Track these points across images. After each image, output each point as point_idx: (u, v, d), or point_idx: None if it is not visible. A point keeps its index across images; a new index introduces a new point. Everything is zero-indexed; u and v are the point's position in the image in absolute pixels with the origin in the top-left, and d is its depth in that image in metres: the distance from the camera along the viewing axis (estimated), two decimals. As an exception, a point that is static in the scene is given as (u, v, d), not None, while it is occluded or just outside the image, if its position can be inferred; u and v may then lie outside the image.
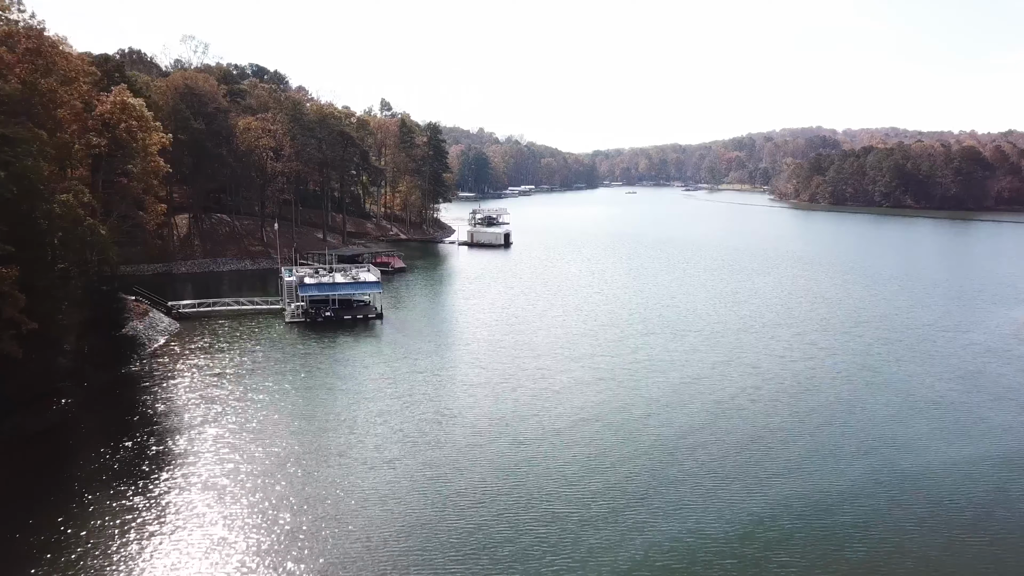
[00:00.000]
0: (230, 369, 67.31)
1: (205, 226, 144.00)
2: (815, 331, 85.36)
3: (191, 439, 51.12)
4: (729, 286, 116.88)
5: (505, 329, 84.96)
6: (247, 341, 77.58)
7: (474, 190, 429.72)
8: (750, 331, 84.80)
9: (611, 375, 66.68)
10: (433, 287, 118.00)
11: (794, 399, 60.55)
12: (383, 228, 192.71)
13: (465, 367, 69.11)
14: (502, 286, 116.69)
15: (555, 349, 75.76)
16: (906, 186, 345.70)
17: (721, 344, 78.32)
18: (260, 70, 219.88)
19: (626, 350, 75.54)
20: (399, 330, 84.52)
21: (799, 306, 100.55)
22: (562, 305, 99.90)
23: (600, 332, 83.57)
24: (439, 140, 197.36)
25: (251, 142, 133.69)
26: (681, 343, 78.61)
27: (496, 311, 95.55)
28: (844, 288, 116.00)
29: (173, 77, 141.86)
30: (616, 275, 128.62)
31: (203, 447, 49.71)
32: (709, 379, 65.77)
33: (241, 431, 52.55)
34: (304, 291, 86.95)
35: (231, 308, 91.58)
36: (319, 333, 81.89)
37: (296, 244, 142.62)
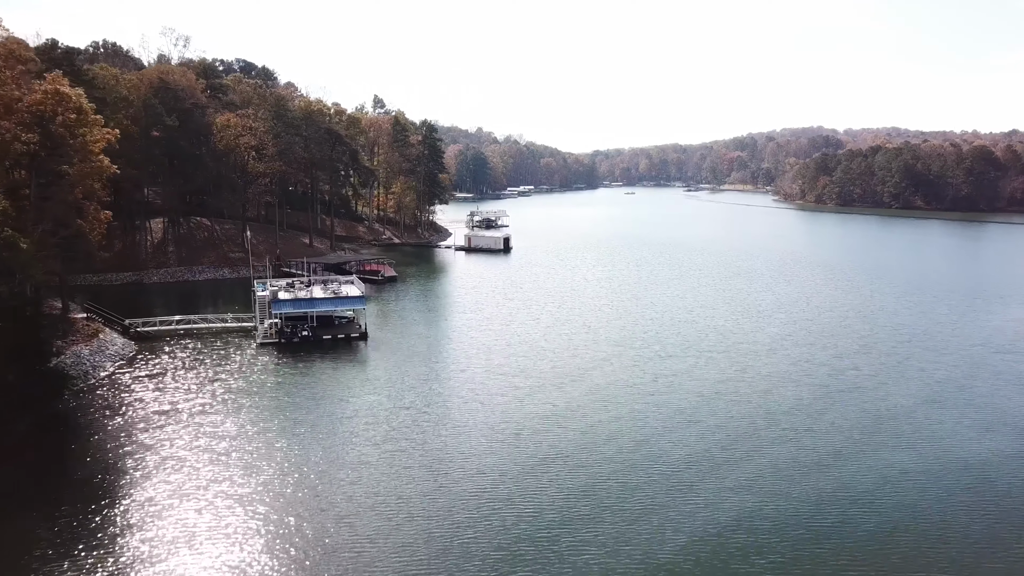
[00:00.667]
0: (182, 405, 57.32)
1: (182, 231, 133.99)
2: (855, 352, 75.48)
3: (109, 505, 41.19)
4: (749, 297, 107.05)
5: (505, 351, 75.04)
6: (208, 368, 67.54)
7: (472, 191, 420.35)
8: (783, 353, 74.89)
9: (630, 414, 56.71)
10: (426, 299, 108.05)
11: (861, 453, 50.66)
12: (375, 231, 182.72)
13: (459, 403, 59.15)
14: (501, 297, 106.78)
15: (562, 379, 65.80)
16: (916, 187, 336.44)
17: (753, 372, 68.38)
18: (248, 66, 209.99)
19: (645, 379, 65.59)
20: (385, 353, 74.55)
21: (830, 321, 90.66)
22: (567, 321, 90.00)
23: (613, 356, 73.62)
24: (434, 139, 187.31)
25: (230, 140, 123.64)
26: (707, 370, 68.67)
27: (495, 329, 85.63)
28: (874, 298, 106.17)
29: (147, 71, 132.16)
30: (625, 284, 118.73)
31: (121, 521, 39.78)
32: (749, 423, 55.81)
33: (175, 496, 42.56)
34: (277, 308, 76.97)
35: (198, 326, 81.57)
36: (293, 357, 71.90)
37: (279, 250, 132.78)
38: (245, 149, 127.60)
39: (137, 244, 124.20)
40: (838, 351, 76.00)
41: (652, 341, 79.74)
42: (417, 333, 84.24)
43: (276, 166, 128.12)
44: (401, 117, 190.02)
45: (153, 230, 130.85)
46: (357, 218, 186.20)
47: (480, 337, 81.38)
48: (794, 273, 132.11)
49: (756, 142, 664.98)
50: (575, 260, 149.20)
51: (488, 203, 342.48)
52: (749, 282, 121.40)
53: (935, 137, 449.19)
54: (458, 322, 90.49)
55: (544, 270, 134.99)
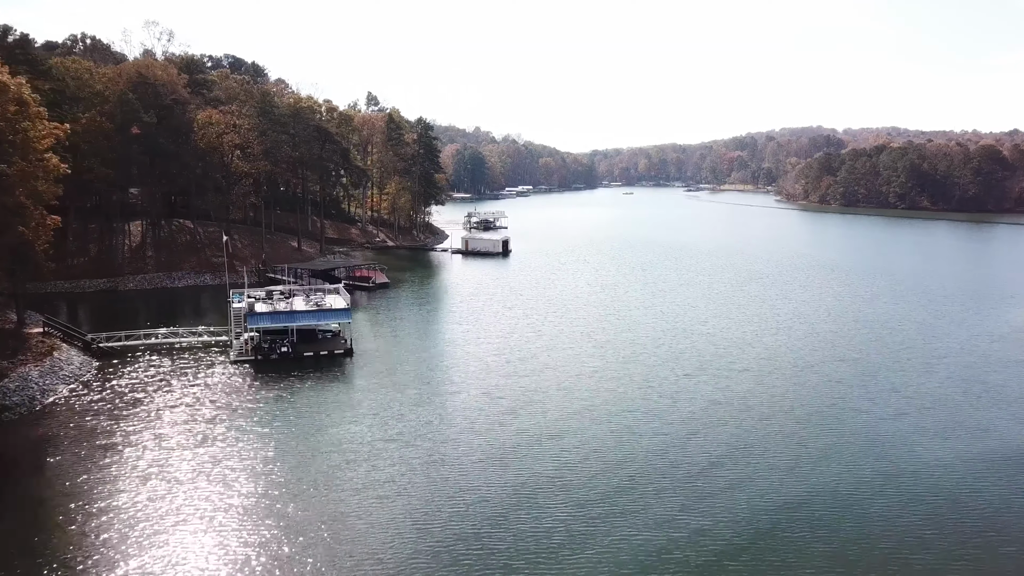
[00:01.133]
0: (133, 438, 50.09)
1: (163, 234, 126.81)
2: (889, 369, 68.61)
3: (30, 570, 34.18)
4: (765, 305, 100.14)
5: (504, 369, 68.05)
6: (173, 391, 60.40)
7: (470, 191, 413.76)
8: (812, 371, 67.95)
9: (651, 451, 49.75)
10: (419, 308, 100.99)
11: (922, 496, 43.78)
12: (369, 234, 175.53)
13: (452, 435, 52.09)
14: (500, 305, 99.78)
15: (568, 403, 58.83)
16: (922, 187, 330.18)
17: (781, 394, 61.48)
18: (237, 62, 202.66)
19: (661, 403, 58.64)
20: (372, 372, 67.48)
21: (856, 333, 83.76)
22: (572, 333, 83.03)
23: (623, 373, 66.65)
24: (430, 137, 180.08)
25: (212, 138, 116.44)
26: (727, 391, 61.72)
27: (493, 342, 78.60)
28: (897, 306, 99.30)
29: (125, 65, 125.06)
30: (631, 291, 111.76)
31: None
32: (782, 459, 48.89)
33: (109, 558, 35.55)
34: (254, 322, 69.80)
35: (168, 341, 74.43)
36: (269, 377, 64.78)
37: (265, 255, 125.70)
38: (229, 148, 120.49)
39: (114, 248, 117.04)
40: (870, 368, 69.08)
41: (666, 357, 72.75)
42: (408, 347, 77.12)
43: (261, 165, 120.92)
44: (396, 115, 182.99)
45: (132, 233, 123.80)
46: (350, 220, 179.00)
47: (477, 352, 74.38)
48: (808, 278, 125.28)
49: (756, 142, 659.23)
50: (577, 264, 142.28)
51: (486, 203, 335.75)
52: (763, 288, 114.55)
53: (935, 137, 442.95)
54: (453, 334, 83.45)
55: (545, 275, 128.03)
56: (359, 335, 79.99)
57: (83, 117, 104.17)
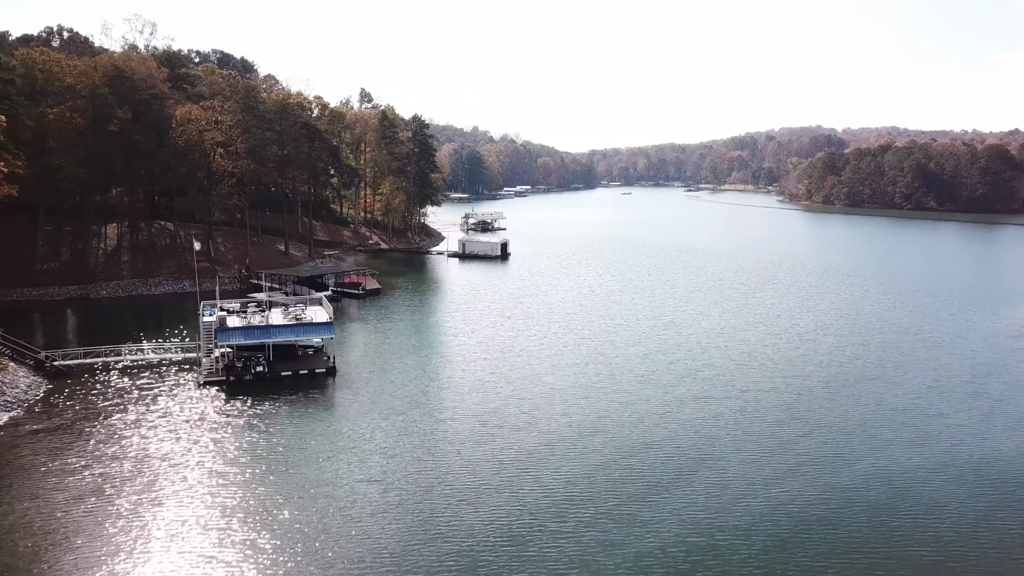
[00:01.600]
0: (71, 480, 43.07)
1: (142, 236, 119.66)
2: (929, 391, 61.78)
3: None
4: (783, 313, 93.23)
5: (503, 390, 61.13)
6: (128, 420, 53.26)
7: (468, 191, 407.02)
8: (845, 392, 61.08)
9: (674, 496, 42.89)
10: (412, 318, 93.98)
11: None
12: (362, 236, 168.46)
13: (443, 475, 45.12)
14: (499, 315, 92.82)
15: (577, 435, 51.91)
16: (928, 187, 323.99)
17: (815, 423, 54.62)
18: (226, 57, 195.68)
19: (683, 432, 51.75)
20: (356, 394, 60.46)
21: (887, 346, 76.89)
22: (577, 347, 76.12)
23: (638, 398, 59.72)
24: (425, 135, 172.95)
25: (192, 136, 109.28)
26: (756, 419, 54.84)
27: (492, 358, 71.62)
28: (926, 316, 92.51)
29: (100, 58, 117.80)
30: (639, 298, 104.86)
31: None
32: (836, 514, 42.03)
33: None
34: (225, 338, 62.71)
35: (132, 358, 67.33)
36: (240, 401, 57.74)
37: (249, 259, 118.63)
38: (211, 145, 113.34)
39: (87, 252, 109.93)
40: (912, 390, 62.25)
41: (683, 375, 65.85)
42: (398, 364, 69.99)
43: (245, 165, 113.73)
44: (390, 112, 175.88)
45: (108, 237, 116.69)
46: (342, 221, 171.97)
47: (473, 369, 67.42)
48: (823, 283, 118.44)
49: (756, 141, 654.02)
50: (580, 268, 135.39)
51: (484, 204, 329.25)
52: (778, 295, 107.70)
53: (936, 137, 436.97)
54: (448, 349, 76.48)
55: (546, 280, 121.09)
56: (345, 349, 73.05)
57: (51, 112, 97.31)
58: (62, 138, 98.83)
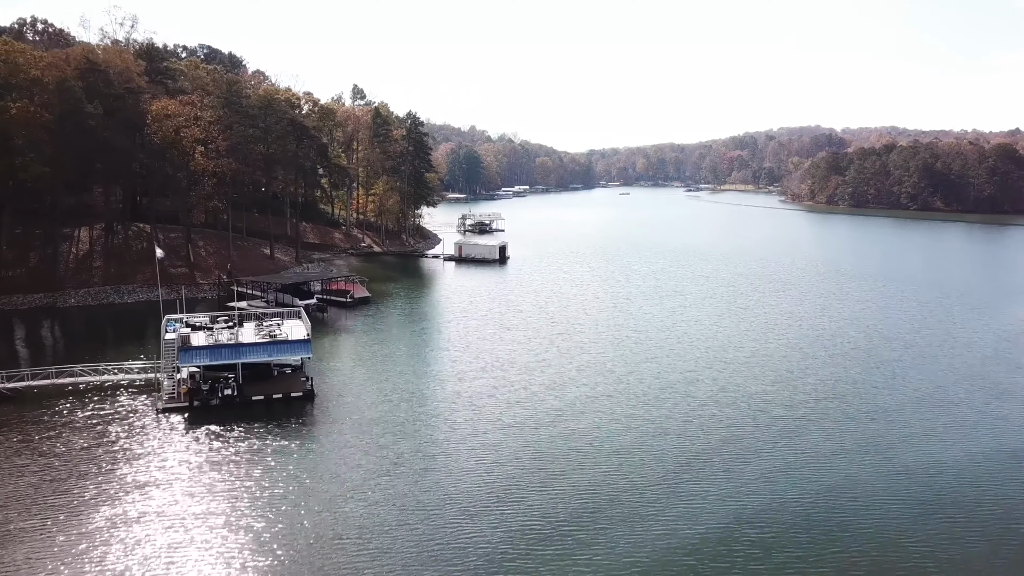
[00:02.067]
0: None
1: (118, 240, 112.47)
2: (988, 416, 54.91)
3: None
4: (805, 323, 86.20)
5: (503, 417, 54.09)
6: (63, 458, 46.05)
7: (465, 191, 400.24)
8: (894, 420, 54.16)
9: (712, 560, 35.93)
10: (402, 331, 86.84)
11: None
12: (354, 238, 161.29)
13: (433, 521, 38.13)
14: (497, 326, 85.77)
15: (588, 473, 44.93)
16: (935, 187, 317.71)
17: (861, 459, 47.71)
18: (213, 52, 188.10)
19: (709, 470, 44.79)
20: (336, 422, 53.36)
21: (929, 363, 70.00)
22: (584, 363, 69.11)
23: (657, 427, 52.69)
24: (420, 133, 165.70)
25: (168, 132, 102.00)
26: (794, 458, 47.92)
27: (489, 378, 64.55)
28: (956, 326, 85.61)
29: (72, 49, 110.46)
30: (647, 306, 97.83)
31: None
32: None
33: None
34: (188, 358, 55.50)
35: (87, 379, 60.13)
36: (202, 432, 50.60)
37: (231, 265, 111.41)
38: (189, 143, 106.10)
39: (57, 257, 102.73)
40: (967, 417, 55.32)
41: (704, 399, 58.81)
42: (384, 387, 62.72)
43: (226, 164, 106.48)
44: (383, 109, 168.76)
45: (82, 240, 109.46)
46: (333, 223, 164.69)
47: (469, 392, 60.37)
48: (842, 289, 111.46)
49: (756, 141, 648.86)
50: (582, 272, 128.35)
51: (482, 204, 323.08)
52: (796, 302, 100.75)
53: (937, 136, 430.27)
54: (441, 366, 69.37)
55: (547, 286, 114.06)
56: (327, 367, 66.01)
57: (13, 107, 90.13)
58: (27, 135, 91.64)
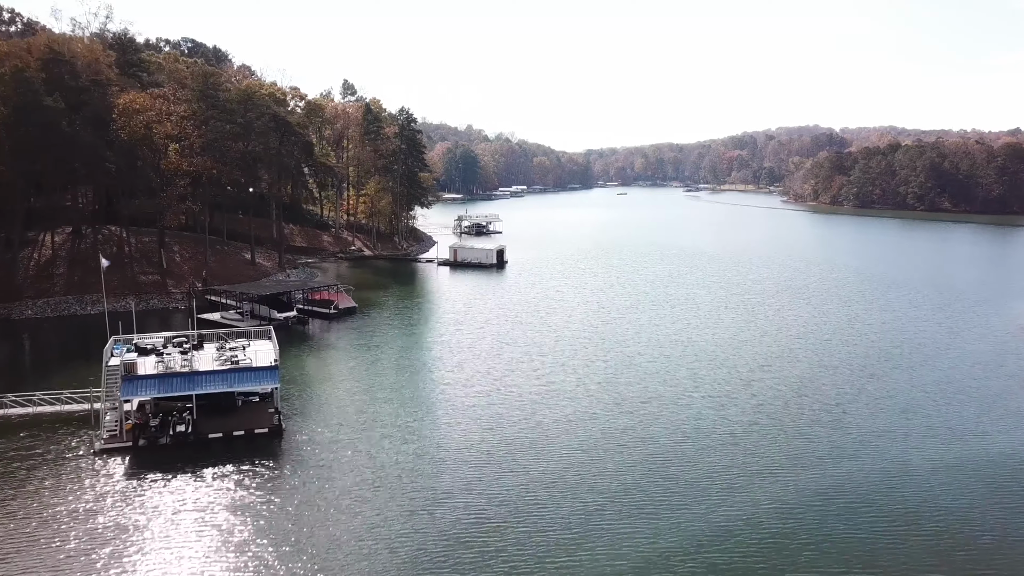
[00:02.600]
0: None
1: (86, 244, 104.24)
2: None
3: None
4: (834, 340, 78.20)
5: (499, 456, 46.08)
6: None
7: (462, 191, 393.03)
8: (969, 472, 46.32)
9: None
10: (389, 347, 78.71)
11: None
12: (343, 241, 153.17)
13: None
14: (494, 340, 77.77)
15: (594, 522, 36.99)
16: (943, 187, 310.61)
17: (935, 517, 39.87)
18: (197, 46, 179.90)
19: (749, 547, 36.89)
20: (308, 468, 45.23)
21: (975, 385, 62.24)
22: (592, 389, 61.13)
23: (682, 473, 44.73)
24: (413, 130, 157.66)
25: (137, 128, 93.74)
26: (845, 514, 40.05)
27: (484, 405, 56.52)
28: (1004, 340, 77.92)
29: (34, 39, 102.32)
30: (657, 317, 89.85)
31: None
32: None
33: None
34: (132, 389, 47.27)
35: (17, 411, 51.91)
36: (145, 481, 42.45)
37: (206, 272, 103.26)
38: (161, 140, 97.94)
39: (15, 264, 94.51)
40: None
41: (733, 431, 50.87)
42: (362, 419, 54.37)
43: (199, 162, 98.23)
44: (375, 105, 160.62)
45: (44, 245, 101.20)
46: (322, 225, 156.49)
47: (464, 423, 52.34)
48: (865, 296, 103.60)
49: (756, 141, 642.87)
50: (586, 278, 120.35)
51: (479, 205, 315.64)
52: (818, 312, 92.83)
53: (935, 136, 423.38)
54: (431, 391, 61.29)
55: (548, 294, 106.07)
56: (302, 392, 58.00)
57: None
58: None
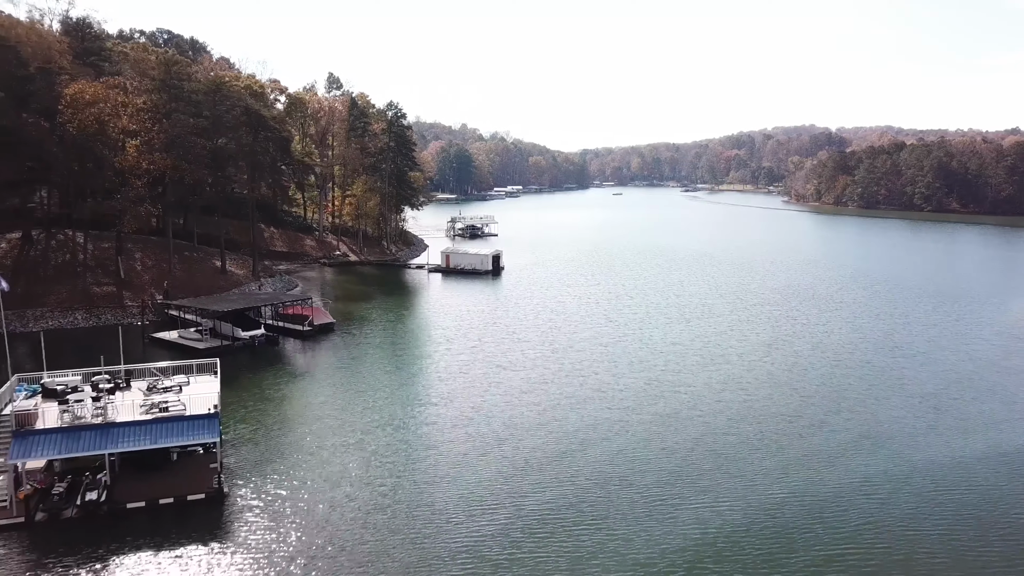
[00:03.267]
0: None
1: (35, 251, 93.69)
2: None
3: None
4: (878, 357, 68.36)
5: (495, 532, 36.03)
6: None
7: (456, 191, 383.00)
8: None
9: None
10: (366, 374, 68.29)
11: None
12: (328, 246, 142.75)
13: None
14: (488, 364, 67.61)
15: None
16: (950, 187, 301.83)
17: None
18: (173, 37, 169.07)
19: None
20: (252, 551, 35.06)
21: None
22: (608, 430, 51.09)
23: (723, 547, 34.83)
24: (402, 126, 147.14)
25: (87, 122, 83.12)
26: None
27: (478, 453, 46.38)
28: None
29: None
30: (674, 333, 79.79)
31: None
32: None
33: None
34: (24, 449, 36.85)
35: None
36: (40, 574, 32.32)
37: (168, 283, 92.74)
38: (117, 135, 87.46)
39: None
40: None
41: (778, 485, 40.93)
42: (327, 473, 44.31)
43: (159, 159, 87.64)
44: (361, 99, 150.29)
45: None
46: (305, 228, 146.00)
47: (453, 478, 42.22)
48: (898, 306, 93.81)
49: (753, 140, 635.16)
50: (589, 287, 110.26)
51: (473, 205, 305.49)
52: (852, 327, 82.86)
53: (933, 136, 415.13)
54: (413, 435, 51.07)
55: (549, 305, 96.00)
56: (257, 436, 47.81)
57: None
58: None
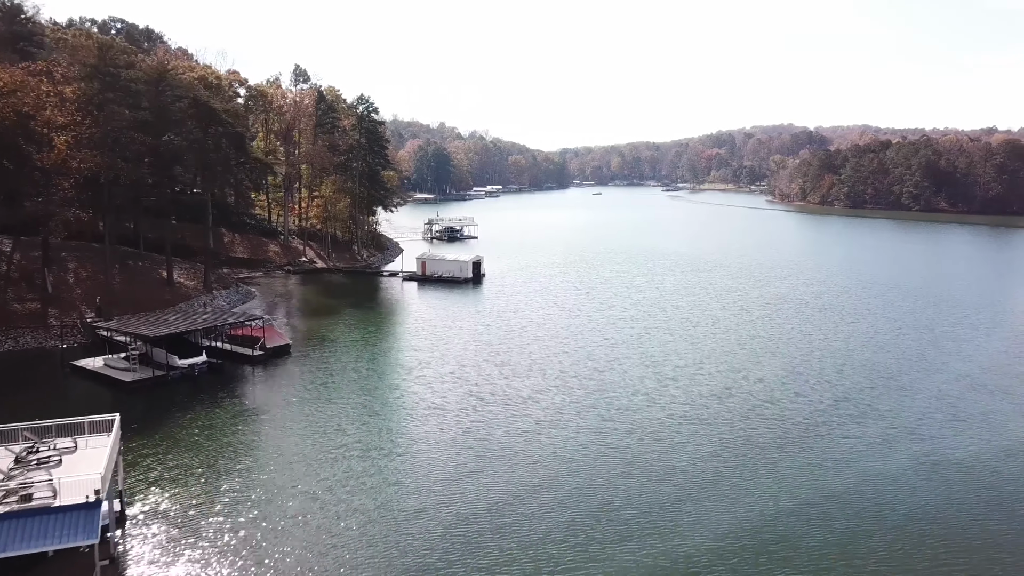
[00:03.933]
0: None
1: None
2: None
3: None
4: (915, 383, 59.60)
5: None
6: None
7: (434, 191, 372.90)
8: None
9: None
10: (322, 412, 57.97)
11: None
12: (293, 251, 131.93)
13: None
14: (467, 395, 57.74)
15: None
16: (939, 186, 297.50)
17: None
18: (126, 26, 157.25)
19: None
20: None
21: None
22: (612, 487, 41.49)
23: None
24: (373, 121, 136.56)
25: (3, 112, 71.88)
26: None
27: (459, 540, 36.65)
28: None
29: None
30: (679, 352, 70.40)
31: None
32: None
33: None
34: None
35: None
36: None
37: (101, 298, 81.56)
38: (42, 128, 76.31)
39: None
40: None
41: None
42: (261, 566, 34.43)
43: (90, 158, 76.55)
44: (330, 92, 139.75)
45: None
46: (269, 232, 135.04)
47: (423, 569, 32.42)
48: (920, 317, 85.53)
49: (734, 139, 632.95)
50: (579, 297, 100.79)
51: (452, 206, 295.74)
52: (875, 344, 74.09)
53: (910, 135, 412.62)
54: (372, 499, 41.13)
55: (536, 319, 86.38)
56: (170, 510, 37.54)
57: None
58: None
